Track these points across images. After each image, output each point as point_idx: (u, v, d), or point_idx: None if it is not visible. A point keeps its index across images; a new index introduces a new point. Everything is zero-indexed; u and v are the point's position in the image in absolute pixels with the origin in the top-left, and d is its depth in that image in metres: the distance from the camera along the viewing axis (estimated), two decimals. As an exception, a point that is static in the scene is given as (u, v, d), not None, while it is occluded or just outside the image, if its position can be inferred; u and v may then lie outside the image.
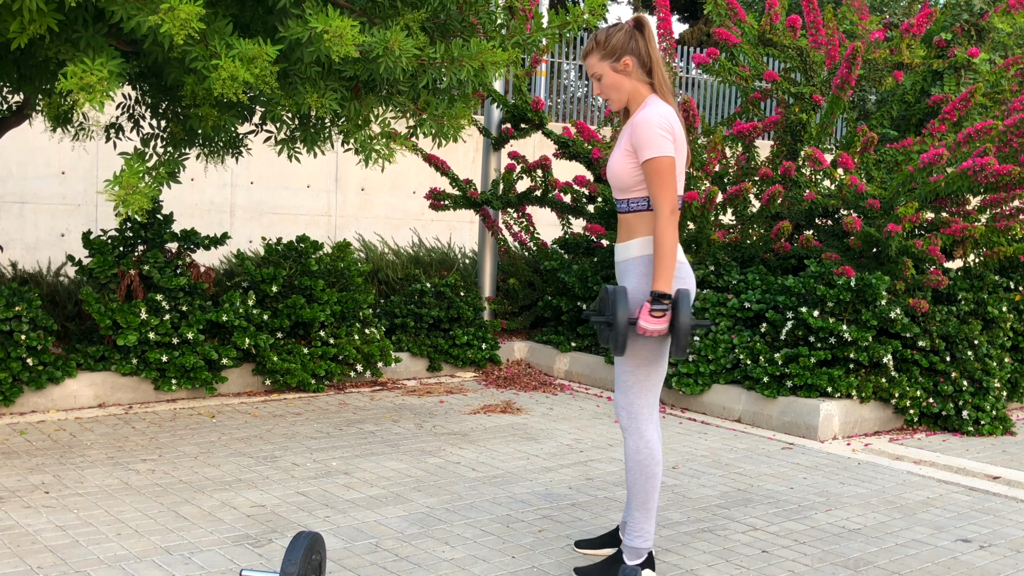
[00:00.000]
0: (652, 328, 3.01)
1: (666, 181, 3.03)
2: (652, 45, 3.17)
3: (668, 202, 3.03)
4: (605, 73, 3.19)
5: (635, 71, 3.16)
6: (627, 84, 3.18)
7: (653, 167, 3.03)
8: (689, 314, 3.01)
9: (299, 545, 2.64)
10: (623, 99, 3.21)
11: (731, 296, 6.22)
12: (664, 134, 3.04)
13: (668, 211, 3.03)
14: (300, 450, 4.73)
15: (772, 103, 12.08)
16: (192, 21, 3.35)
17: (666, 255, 3.02)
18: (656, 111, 3.07)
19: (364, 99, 4.29)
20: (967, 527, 3.99)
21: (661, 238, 3.02)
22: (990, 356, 5.92)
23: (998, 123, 5.86)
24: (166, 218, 5.92)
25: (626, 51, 3.15)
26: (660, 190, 3.03)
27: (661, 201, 3.03)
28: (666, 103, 3.14)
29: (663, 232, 3.02)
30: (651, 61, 3.17)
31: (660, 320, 3.01)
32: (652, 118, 3.05)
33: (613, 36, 3.16)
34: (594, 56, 3.19)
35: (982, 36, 7.23)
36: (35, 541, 3.38)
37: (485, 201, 7.49)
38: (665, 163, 3.03)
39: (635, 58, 3.15)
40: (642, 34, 3.17)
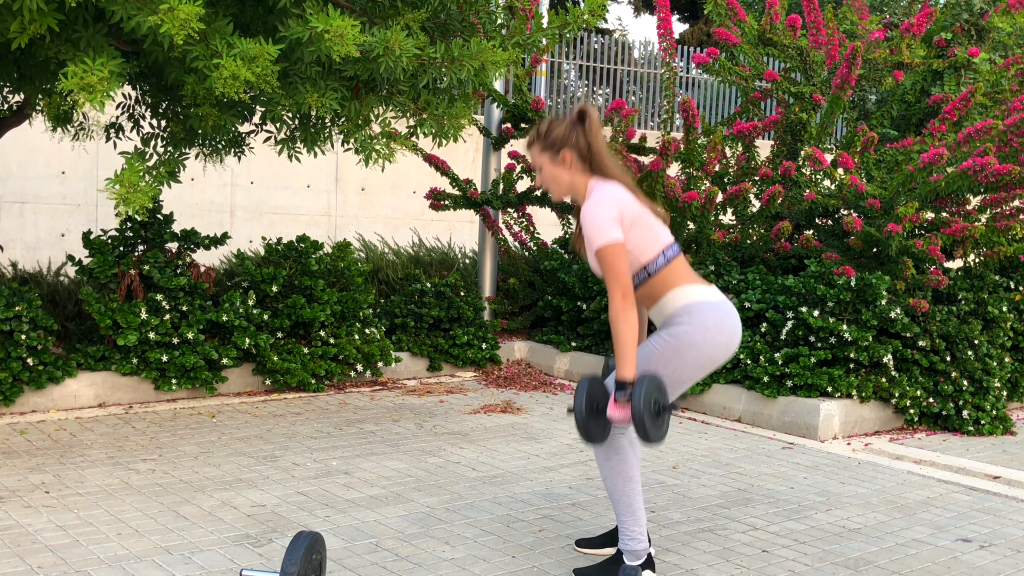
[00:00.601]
0: (618, 416, 3.02)
1: (615, 268, 3.01)
2: (593, 136, 3.17)
3: (619, 288, 3.01)
4: (544, 165, 3.22)
5: (574, 164, 3.17)
6: (566, 177, 3.20)
7: (600, 257, 3.03)
8: (641, 400, 2.93)
9: (299, 545, 2.64)
10: (563, 191, 3.23)
11: (731, 296, 6.22)
12: (606, 220, 3.02)
13: (619, 296, 3.00)
14: (300, 450, 4.73)
15: (772, 103, 12.08)
16: (192, 21, 3.35)
17: (622, 341, 2.99)
18: (597, 199, 3.07)
19: (364, 99, 4.29)
20: (967, 527, 3.99)
21: (615, 324, 3.00)
22: (990, 356, 5.92)
23: (998, 123, 5.86)
24: (166, 218, 5.92)
25: (566, 144, 3.17)
26: (609, 277, 3.02)
27: (612, 288, 3.02)
28: (609, 183, 3.13)
29: (615, 317, 3.00)
30: (591, 153, 3.16)
31: (626, 408, 3.01)
32: (591, 209, 3.05)
33: (554, 129, 3.19)
34: (535, 148, 3.23)
35: (982, 36, 7.23)
36: (35, 541, 3.38)
37: (485, 201, 7.49)
38: (609, 250, 3.01)
39: (574, 151, 3.16)
40: (583, 126, 3.17)
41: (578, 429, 3.04)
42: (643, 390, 2.94)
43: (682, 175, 6.92)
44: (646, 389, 2.95)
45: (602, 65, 12.53)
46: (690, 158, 6.83)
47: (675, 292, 3.15)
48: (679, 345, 3.10)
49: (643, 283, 3.17)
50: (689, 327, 3.10)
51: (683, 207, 6.42)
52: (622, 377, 3.00)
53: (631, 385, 3.00)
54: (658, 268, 3.14)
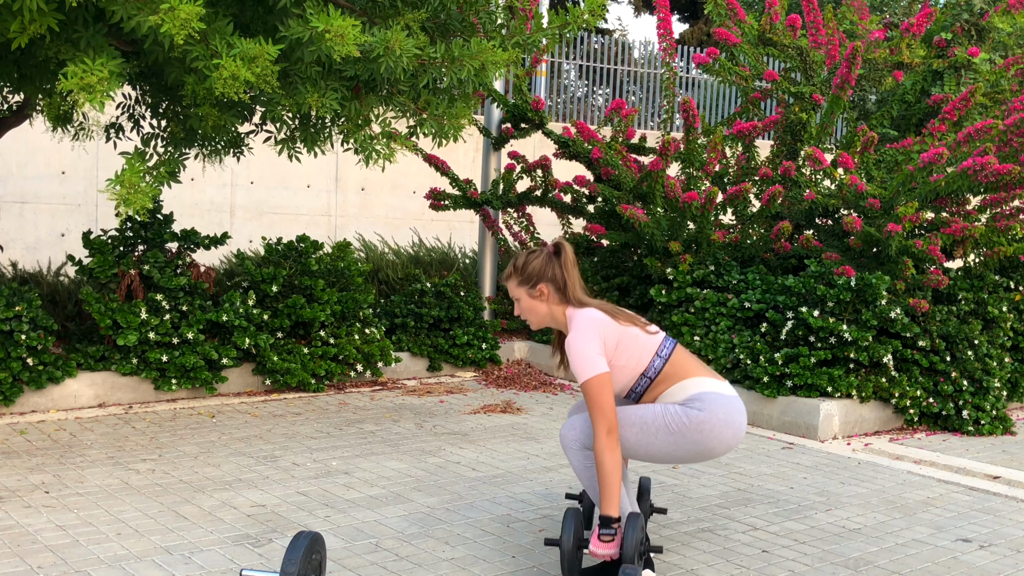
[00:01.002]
0: (602, 553, 3.02)
1: (599, 403, 3.02)
2: (569, 270, 3.22)
3: (604, 423, 3.02)
4: (522, 298, 3.27)
5: (551, 296, 3.22)
6: (543, 308, 3.24)
7: (585, 391, 3.05)
8: (632, 546, 2.93)
9: (299, 545, 2.64)
10: (541, 322, 3.28)
11: (731, 296, 6.22)
12: (589, 354, 3.05)
13: (604, 432, 3.01)
14: (300, 450, 4.73)
15: (772, 103, 12.08)
16: (192, 21, 3.35)
17: (607, 477, 3.00)
18: (577, 333, 3.09)
19: (364, 99, 4.29)
20: (967, 527, 3.99)
21: (600, 460, 3.01)
22: (990, 356, 5.92)
23: (998, 123, 5.86)
24: (166, 218, 5.92)
25: (542, 278, 3.22)
26: (594, 412, 3.03)
27: (597, 423, 3.03)
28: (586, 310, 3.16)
29: (601, 453, 3.01)
30: (566, 284, 3.21)
31: (610, 545, 3.01)
32: (573, 344, 3.08)
33: (531, 263, 3.24)
34: (512, 281, 3.28)
35: (982, 36, 7.24)
36: (35, 541, 3.38)
37: (485, 201, 7.48)
38: (594, 384, 3.03)
39: (551, 284, 3.21)
40: (559, 259, 3.23)
41: (561, 563, 3.03)
42: (635, 532, 2.95)
43: (682, 175, 6.92)
44: (636, 533, 2.96)
45: (602, 65, 12.53)
46: (690, 158, 6.83)
47: (689, 381, 3.17)
48: (687, 424, 3.10)
49: (646, 389, 3.20)
50: (702, 414, 3.11)
51: (683, 207, 6.42)
52: (607, 514, 3.01)
53: (616, 523, 3.01)
54: (658, 370, 3.17)
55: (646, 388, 3.20)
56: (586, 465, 3.19)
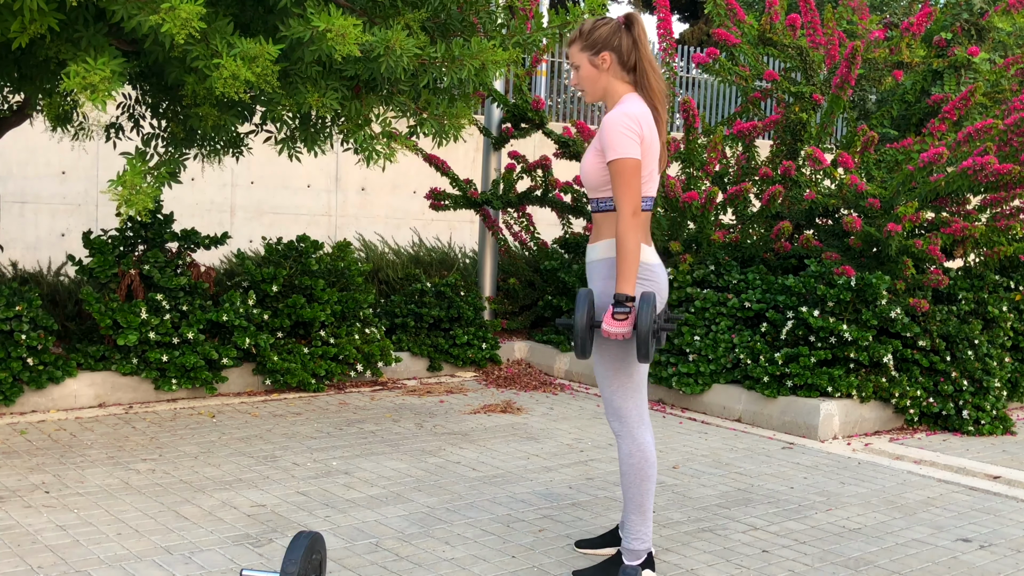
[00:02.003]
0: (615, 331, 2.99)
1: (629, 183, 2.99)
2: (641, 44, 3.11)
3: (630, 203, 2.98)
4: (582, 64, 3.15)
5: (613, 67, 3.12)
6: (602, 80, 3.13)
7: (616, 168, 3.00)
8: (650, 317, 2.93)
9: (299, 545, 2.64)
10: (597, 94, 3.17)
11: (731, 296, 6.22)
12: (630, 135, 2.99)
13: (629, 212, 2.98)
14: (300, 450, 4.73)
15: (772, 103, 12.08)
16: (193, 20, 3.35)
17: (627, 257, 2.98)
18: (625, 111, 3.02)
19: (365, 98, 4.29)
20: (967, 527, 3.99)
21: (623, 240, 2.98)
22: (990, 356, 5.92)
23: (998, 122, 5.86)
24: (166, 218, 5.92)
25: (607, 46, 3.10)
26: (622, 191, 2.99)
27: (623, 202, 2.99)
28: (642, 103, 3.08)
29: (624, 234, 2.98)
30: (636, 59, 3.10)
31: (623, 323, 2.98)
32: (618, 119, 3.00)
33: (597, 29, 3.11)
34: (576, 46, 3.15)
35: (982, 35, 7.23)
36: (35, 541, 3.38)
37: (485, 201, 7.48)
38: (628, 165, 2.98)
39: (615, 55, 3.11)
40: (630, 32, 3.11)
41: (576, 341, 3.00)
42: (649, 308, 2.93)
43: (682, 175, 6.92)
44: (650, 307, 2.94)
45: (602, 65, 12.51)
46: (690, 158, 6.83)
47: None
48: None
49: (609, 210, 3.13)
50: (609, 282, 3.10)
51: (683, 207, 6.42)
52: (622, 291, 2.98)
53: (631, 301, 2.98)
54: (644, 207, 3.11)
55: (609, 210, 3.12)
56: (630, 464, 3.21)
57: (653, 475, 3.23)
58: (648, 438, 3.21)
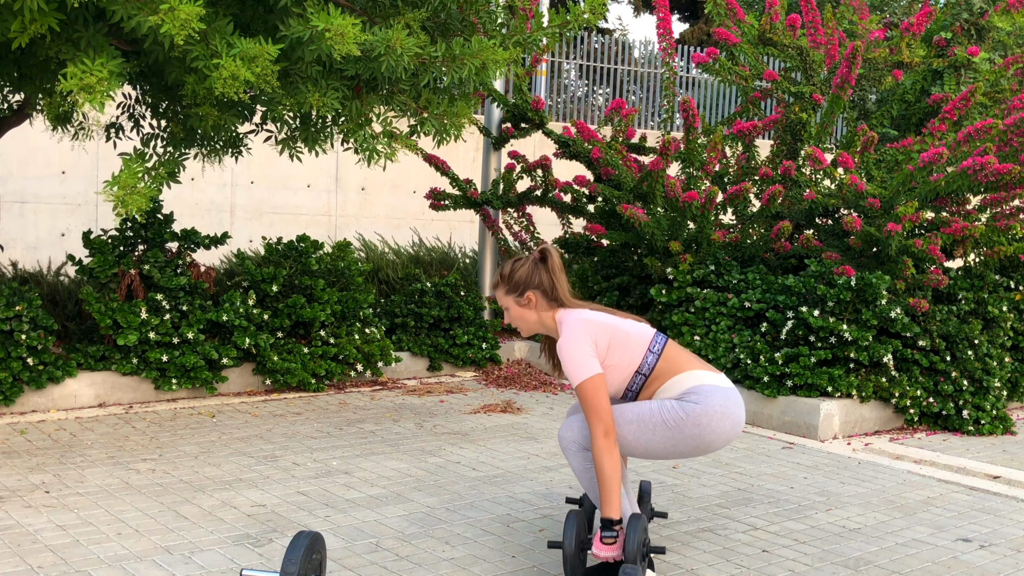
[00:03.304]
0: (604, 555, 3.02)
1: (595, 405, 3.02)
2: (557, 275, 3.22)
3: (600, 425, 3.01)
4: (510, 306, 3.26)
5: (539, 303, 3.22)
6: (532, 316, 3.24)
7: (580, 393, 3.04)
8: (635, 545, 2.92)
9: (299, 545, 2.64)
10: (531, 329, 3.28)
11: (731, 296, 6.22)
12: (581, 356, 3.04)
13: (601, 434, 3.00)
14: (300, 450, 4.73)
15: (772, 102, 12.08)
16: (192, 21, 3.35)
17: (606, 480, 2.99)
18: (568, 335, 3.09)
19: (365, 98, 4.29)
20: (967, 526, 3.99)
21: (598, 463, 3.00)
22: (990, 355, 5.92)
23: (998, 122, 5.86)
24: (166, 218, 5.92)
25: (529, 286, 3.21)
26: (590, 414, 3.03)
27: (593, 426, 3.02)
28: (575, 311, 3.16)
29: (599, 456, 3.00)
30: (554, 290, 3.21)
31: (612, 547, 3.00)
32: (565, 347, 3.07)
33: (517, 271, 3.23)
34: (500, 290, 3.28)
35: (982, 35, 7.23)
36: (35, 541, 3.38)
37: (485, 201, 7.48)
38: (588, 387, 3.02)
39: (539, 291, 3.21)
40: (545, 266, 3.22)
41: (564, 566, 3.02)
42: (636, 533, 2.94)
43: (682, 175, 6.92)
44: (638, 534, 2.95)
45: (602, 65, 12.53)
46: (690, 158, 6.82)
47: (685, 375, 3.15)
48: (683, 418, 3.09)
49: (642, 386, 3.19)
50: (698, 407, 3.09)
51: (683, 207, 6.42)
52: (608, 517, 3.00)
53: (618, 525, 3.01)
54: (651, 367, 3.16)
55: (642, 385, 3.19)
56: (585, 467, 3.19)
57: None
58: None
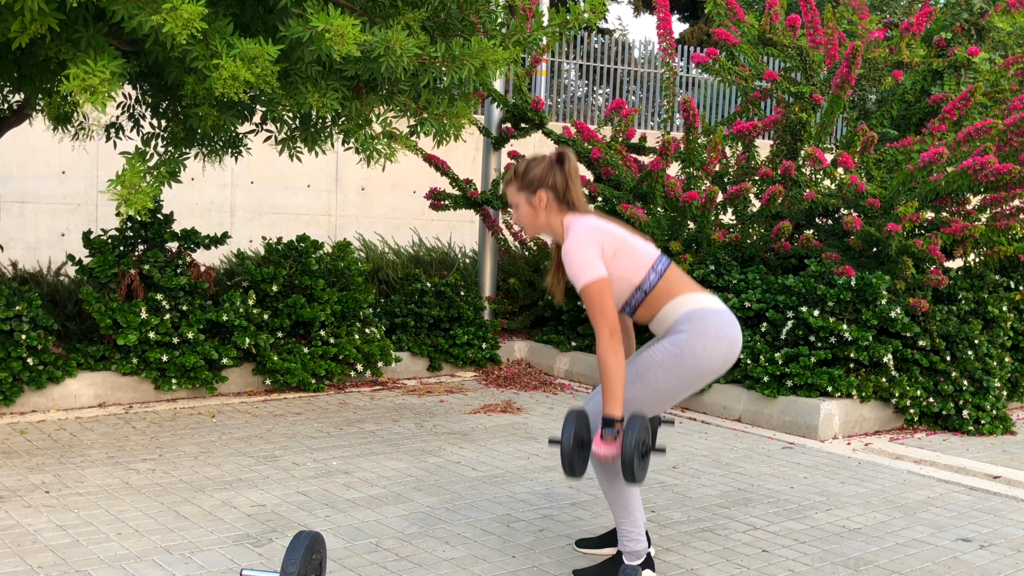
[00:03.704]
0: (603, 453, 3.01)
1: (600, 305, 3.01)
2: (572, 180, 3.19)
3: (606, 326, 3.00)
4: (520, 204, 3.23)
5: (550, 204, 3.19)
6: (541, 217, 3.21)
7: (585, 295, 3.03)
8: (633, 443, 2.93)
9: (299, 545, 2.64)
10: (538, 230, 3.25)
11: (731, 296, 6.22)
12: (588, 258, 3.03)
13: (607, 334, 3.00)
14: (300, 450, 4.73)
15: (772, 102, 12.08)
16: (194, 21, 3.35)
17: (611, 379, 2.99)
18: (575, 237, 3.07)
19: (365, 98, 4.29)
20: (967, 526, 3.99)
21: (603, 361, 3.00)
22: (990, 355, 5.92)
23: (998, 122, 5.86)
24: (166, 218, 5.92)
25: (543, 185, 3.18)
26: (595, 315, 3.02)
27: (599, 326, 3.01)
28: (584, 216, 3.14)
29: (604, 356, 2.99)
30: (570, 196, 3.18)
31: (612, 446, 3.00)
32: (571, 248, 3.05)
33: (532, 169, 3.20)
34: (512, 186, 3.24)
35: (982, 35, 7.23)
36: (35, 540, 3.38)
37: (485, 201, 7.49)
38: (594, 288, 3.02)
39: (552, 192, 3.18)
40: (562, 168, 3.19)
41: (562, 462, 3.02)
42: (634, 432, 2.94)
43: (682, 175, 6.92)
44: (637, 431, 2.94)
45: (602, 65, 12.53)
46: (690, 158, 6.83)
47: (675, 302, 3.14)
48: (679, 353, 3.08)
49: (641, 303, 3.17)
50: (690, 335, 3.08)
51: (683, 207, 6.42)
52: (609, 415, 3.00)
53: (619, 423, 3.00)
54: (652, 285, 3.14)
55: (640, 302, 3.16)
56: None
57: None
58: None
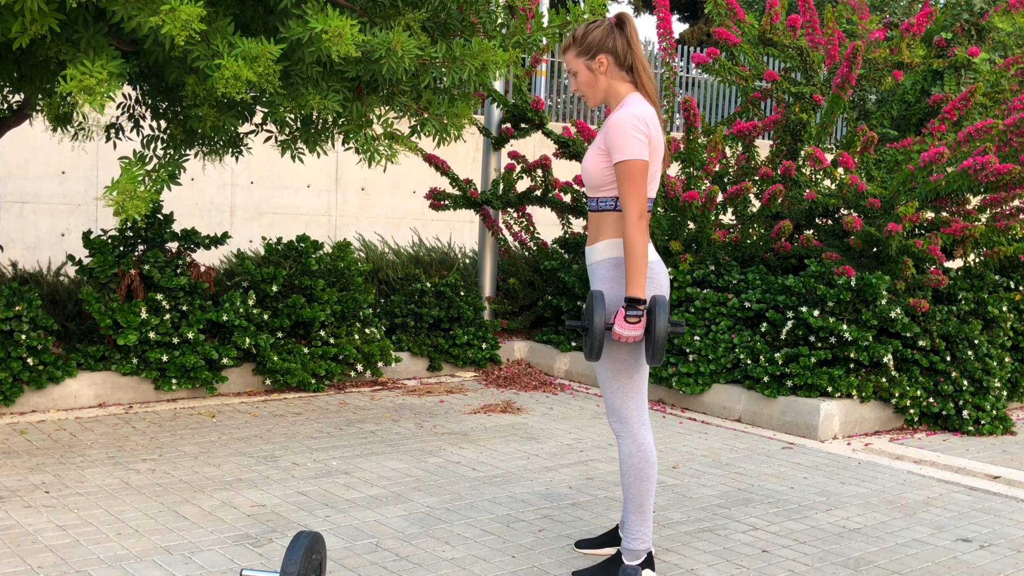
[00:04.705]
0: (627, 334, 2.98)
1: (636, 185, 2.98)
2: (634, 43, 3.10)
3: (637, 206, 2.98)
4: (580, 70, 3.14)
5: (611, 70, 3.11)
6: (602, 82, 3.13)
7: (623, 170, 2.99)
8: (666, 319, 2.95)
9: (299, 545, 2.64)
10: (598, 97, 3.17)
11: (731, 296, 6.22)
12: (638, 136, 2.99)
13: (637, 215, 2.98)
14: (300, 450, 4.73)
15: (772, 103, 12.08)
16: (193, 22, 3.35)
17: (637, 260, 2.97)
18: (631, 111, 3.01)
19: (366, 99, 4.29)
20: (967, 527, 3.99)
21: (631, 243, 2.98)
22: (990, 356, 5.92)
23: (998, 122, 5.86)
24: (166, 218, 5.92)
25: (602, 49, 3.10)
26: (629, 194, 2.99)
27: (630, 205, 2.99)
28: (647, 103, 3.09)
29: (632, 236, 2.98)
30: (631, 59, 3.10)
31: (636, 326, 2.98)
32: (626, 120, 2.99)
33: (591, 32, 3.11)
34: (571, 52, 3.15)
35: (982, 36, 7.23)
36: (35, 541, 3.38)
37: (485, 201, 7.49)
38: (636, 166, 2.98)
39: (612, 56, 3.10)
40: (623, 32, 3.10)
41: (590, 344, 2.98)
42: (664, 312, 2.94)
43: (682, 175, 6.92)
44: (666, 311, 2.95)
45: (602, 65, 12.51)
46: (690, 158, 6.83)
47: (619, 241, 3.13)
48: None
49: (607, 211, 3.13)
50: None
51: (683, 207, 6.42)
52: (633, 295, 2.98)
53: (642, 304, 2.98)
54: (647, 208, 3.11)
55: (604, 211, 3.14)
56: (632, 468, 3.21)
57: (653, 475, 3.23)
58: (648, 438, 3.21)
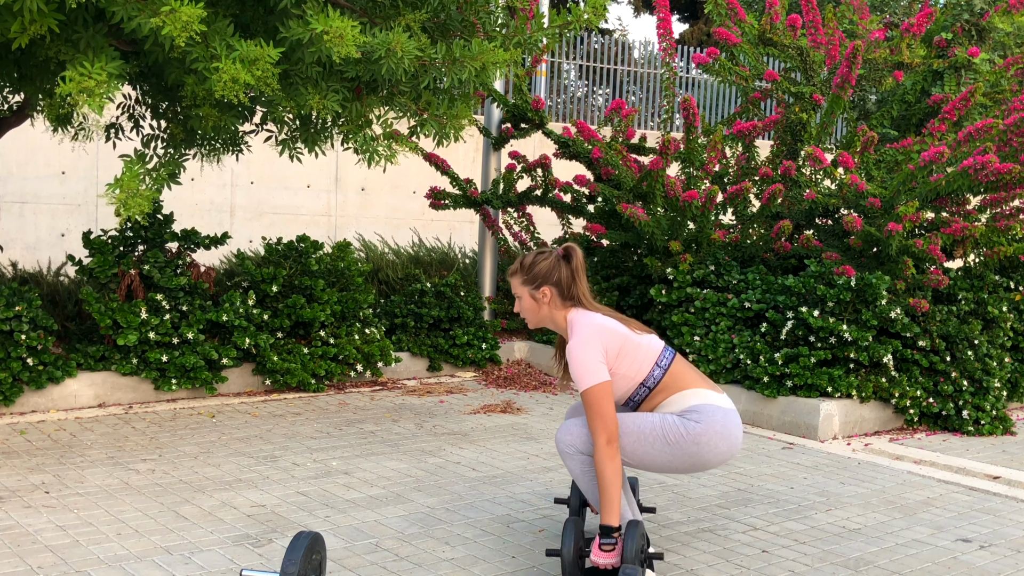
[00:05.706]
0: (603, 562, 3.00)
1: (600, 411, 3.01)
2: (579, 275, 3.20)
3: (604, 432, 3.00)
4: (524, 296, 3.25)
5: (553, 300, 3.20)
6: (544, 311, 3.22)
7: (586, 399, 3.04)
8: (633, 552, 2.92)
9: (299, 545, 2.64)
10: (539, 323, 3.27)
11: (731, 296, 6.22)
12: (591, 362, 3.03)
13: (604, 442, 3.00)
14: (300, 450, 4.73)
15: (772, 103, 12.08)
16: (193, 23, 3.35)
17: (608, 487, 2.99)
18: (579, 338, 3.07)
19: (366, 99, 4.29)
20: (967, 527, 3.99)
21: (600, 469, 3.00)
22: (990, 356, 5.92)
23: (998, 122, 5.86)
24: (166, 218, 5.93)
25: (547, 281, 3.19)
26: (595, 420, 3.01)
27: (597, 431, 3.01)
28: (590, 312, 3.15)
29: (601, 463, 2.99)
30: (575, 291, 3.19)
31: (611, 555, 2.99)
32: (575, 351, 3.06)
33: (538, 264, 3.21)
34: (516, 278, 3.26)
35: (982, 36, 7.23)
36: (35, 541, 3.38)
37: (485, 200, 7.49)
38: (595, 393, 3.01)
39: (555, 288, 3.19)
40: (568, 264, 3.20)
41: (563, 573, 3.02)
42: (634, 540, 2.94)
43: (682, 175, 6.92)
44: (636, 540, 2.94)
45: (602, 65, 12.53)
46: (690, 158, 6.83)
47: (688, 392, 3.15)
48: (684, 436, 3.09)
49: (644, 398, 3.19)
50: (699, 426, 3.09)
51: (683, 207, 6.43)
52: (607, 523, 3.00)
53: (617, 532, 3.00)
54: (657, 380, 3.16)
55: (644, 398, 3.19)
56: (584, 470, 3.17)
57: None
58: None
